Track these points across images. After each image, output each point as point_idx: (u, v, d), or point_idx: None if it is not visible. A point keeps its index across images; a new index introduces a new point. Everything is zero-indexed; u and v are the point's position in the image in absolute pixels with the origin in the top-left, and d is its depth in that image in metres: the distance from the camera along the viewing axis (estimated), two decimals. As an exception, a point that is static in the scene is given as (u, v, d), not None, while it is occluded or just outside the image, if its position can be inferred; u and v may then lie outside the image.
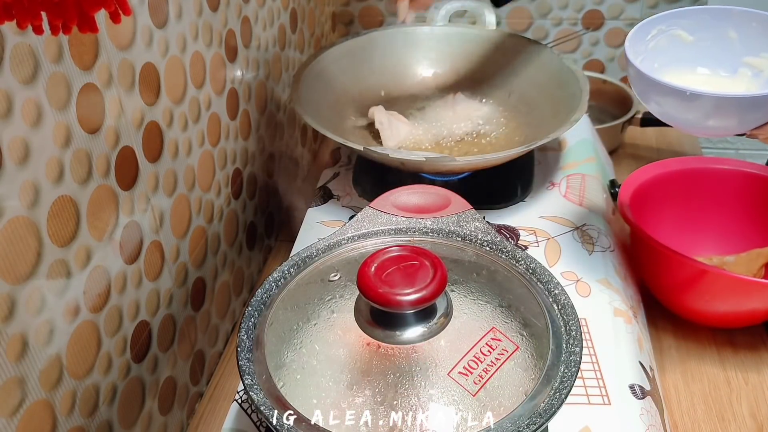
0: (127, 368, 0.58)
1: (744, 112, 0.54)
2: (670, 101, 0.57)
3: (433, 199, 0.58)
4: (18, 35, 0.42)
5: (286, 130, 0.98)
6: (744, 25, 0.62)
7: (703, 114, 0.56)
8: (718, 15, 0.63)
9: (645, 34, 0.64)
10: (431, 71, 0.92)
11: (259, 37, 0.85)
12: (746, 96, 0.54)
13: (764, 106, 0.53)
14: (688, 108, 0.56)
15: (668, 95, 0.56)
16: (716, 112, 0.55)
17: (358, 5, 1.27)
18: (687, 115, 0.57)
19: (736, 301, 0.68)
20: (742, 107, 0.54)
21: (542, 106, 0.83)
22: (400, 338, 0.44)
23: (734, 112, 0.55)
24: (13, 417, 0.44)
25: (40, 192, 0.45)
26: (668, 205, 0.79)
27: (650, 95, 0.58)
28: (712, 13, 0.63)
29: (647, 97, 0.59)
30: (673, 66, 0.64)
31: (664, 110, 0.58)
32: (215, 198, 0.75)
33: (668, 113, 0.58)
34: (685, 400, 0.67)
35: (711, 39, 0.63)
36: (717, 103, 0.54)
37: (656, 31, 0.64)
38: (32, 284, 0.45)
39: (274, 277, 0.52)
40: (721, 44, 0.63)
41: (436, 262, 0.45)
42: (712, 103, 0.54)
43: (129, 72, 0.56)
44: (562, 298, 0.48)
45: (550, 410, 0.40)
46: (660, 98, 0.58)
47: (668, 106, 0.57)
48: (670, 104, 0.57)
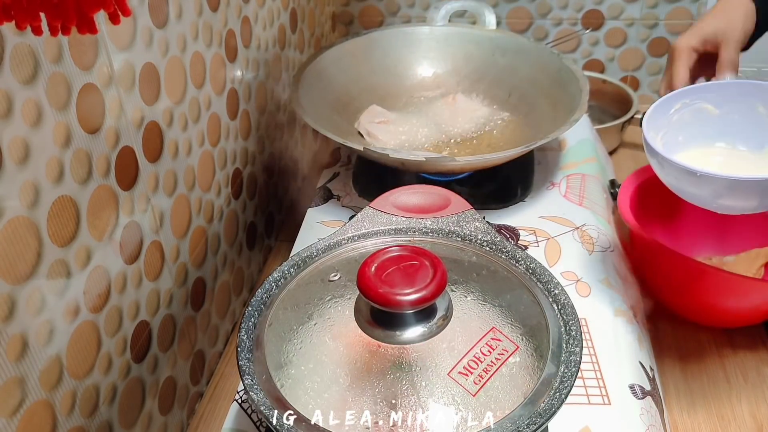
0: (127, 368, 0.58)
1: (761, 194, 0.52)
2: (682, 179, 0.55)
3: (433, 199, 0.58)
4: (18, 35, 0.42)
5: (286, 130, 0.98)
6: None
7: (715, 193, 0.54)
8: (746, 89, 0.61)
9: (668, 108, 0.62)
10: (431, 71, 0.92)
11: (259, 37, 0.85)
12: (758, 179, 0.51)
13: None
14: (700, 187, 0.54)
15: (679, 173, 0.55)
16: (729, 193, 0.53)
17: (358, 5, 1.27)
18: (700, 193, 0.55)
19: (735, 301, 0.68)
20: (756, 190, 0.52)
21: (542, 106, 0.83)
22: (400, 338, 0.44)
23: (750, 193, 0.53)
24: (13, 417, 0.44)
25: (40, 192, 0.45)
26: (668, 205, 0.79)
27: (664, 170, 0.57)
28: (740, 88, 0.61)
29: (661, 171, 0.58)
30: (698, 141, 0.62)
31: (680, 187, 0.57)
32: (215, 198, 0.75)
33: (683, 190, 0.57)
34: (685, 400, 0.67)
35: (739, 113, 0.61)
36: (730, 185, 0.53)
37: (680, 105, 0.62)
38: (32, 284, 0.45)
39: (274, 277, 0.52)
40: (750, 119, 0.61)
41: (436, 262, 0.45)
42: (725, 184, 0.53)
43: (129, 72, 0.56)
44: (562, 298, 0.48)
45: (550, 410, 0.40)
46: (673, 174, 0.56)
47: (682, 184, 0.56)
48: (683, 181, 0.56)
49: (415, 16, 1.26)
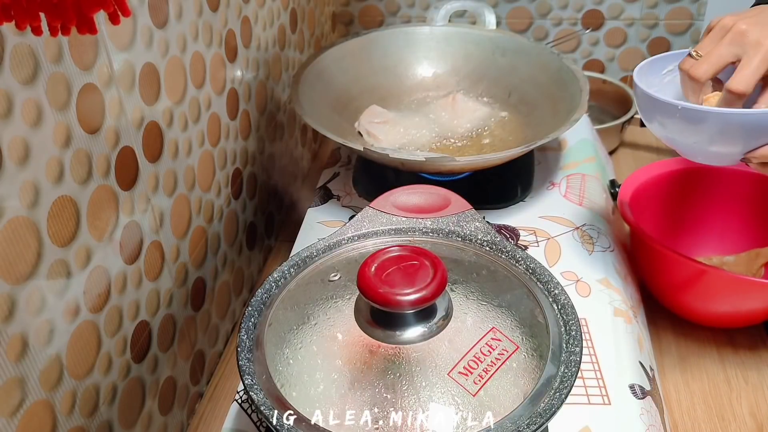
0: (127, 368, 0.58)
1: (749, 135, 0.53)
2: (675, 123, 0.55)
3: (433, 199, 0.58)
4: (18, 35, 0.42)
5: (286, 130, 0.98)
6: None
7: (708, 137, 0.54)
8: None
9: (661, 67, 0.63)
10: (431, 71, 0.92)
11: (259, 37, 0.85)
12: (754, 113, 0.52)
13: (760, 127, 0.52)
14: (693, 131, 0.55)
15: (674, 117, 0.55)
16: (721, 135, 0.54)
17: (358, 5, 1.27)
18: (691, 139, 0.56)
19: (736, 301, 0.68)
20: (747, 128, 0.53)
21: (542, 106, 0.83)
22: (400, 338, 0.44)
23: (740, 133, 0.53)
24: (13, 417, 0.44)
25: (40, 192, 0.45)
26: (668, 205, 0.79)
27: (655, 117, 0.57)
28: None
29: (652, 118, 0.58)
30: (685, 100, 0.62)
31: (668, 134, 0.57)
32: (215, 198, 0.75)
33: (672, 137, 0.57)
34: (685, 400, 0.67)
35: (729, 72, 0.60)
36: (724, 124, 0.53)
37: (673, 67, 0.63)
38: (32, 284, 0.45)
39: (274, 277, 0.52)
40: None
41: (436, 262, 0.45)
42: (719, 123, 0.53)
43: (129, 72, 0.56)
44: (562, 298, 0.48)
45: (550, 410, 0.40)
46: (665, 120, 0.56)
47: (673, 129, 0.56)
48: (674, 127, 0.56)
49: (415, 16, 1.26)
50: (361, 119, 0.84)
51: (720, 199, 0.79)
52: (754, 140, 0.53)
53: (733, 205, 0.79)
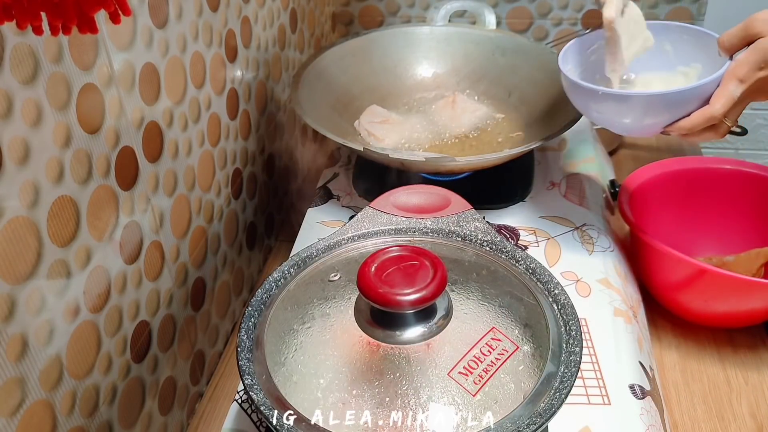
0: (127, 368, 0.58)
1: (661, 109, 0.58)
2: (607, 107, 0.60)
3: (433, 199, 0.58)
4: (18, 35, 0.42)
5: (286, 130, 0.98)
6: (677, 38, 0.66)
7: (628, 113, 0.60)
8: (655, 30, 0.66)
9: (585, 47, 0.67)
10: (431, 71, 0.92)
11: (259, 37, 0.85)
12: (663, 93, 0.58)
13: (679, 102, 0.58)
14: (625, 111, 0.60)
15: (605, 101, 0.60)
16: (636, 110, 0.59)
17: (358, 5, 1.27)
18: (624, 119, 0.61)
19: (736, 301, 0.68)
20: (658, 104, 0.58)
21: (542, 106, 0.83)
22: (400, 338, 0.44)
23: (652, 109, 0.59)
24: (13, 417, 0.44)
25: (40, 192, 0.45)
26: (668, 205, 0.79)
27: (589, 104, 0.62)
28: (650, 28, 0.65)
29: (586, 106, 0.63)
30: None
31: (604, 117, 0.62)
32: (215, 198, 0.75)
33: (608, 119, 0.62)
34: (685, 400, 0.67)
35: (649, 51, 0.66)
36: (635, 102, 0.59)
37: (597, 46, 0.67)
38: (32, 284, 0.45)
39: (274, 277, 0.52)
40: (659, 56, 0.67)
41: (436, 262, 0.45)
42: (630, 102, 0.59)
43: (129, 72, 0.56)
44: (562, 298, 0.48)
45: (550, 410, 0.40)
46: (598, 106, 0.61)
47: (607, 113, 0.61)
48: (608, 110, 0.61)
49: (415, 16, 1.26)
50: (361, 119, 0.84)
51: (720, 199, 0.79)
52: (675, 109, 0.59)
53: (733, 205, 0.79)
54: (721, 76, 0.57)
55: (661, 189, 0.78)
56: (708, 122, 0.57)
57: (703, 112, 0.57)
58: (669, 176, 0.78)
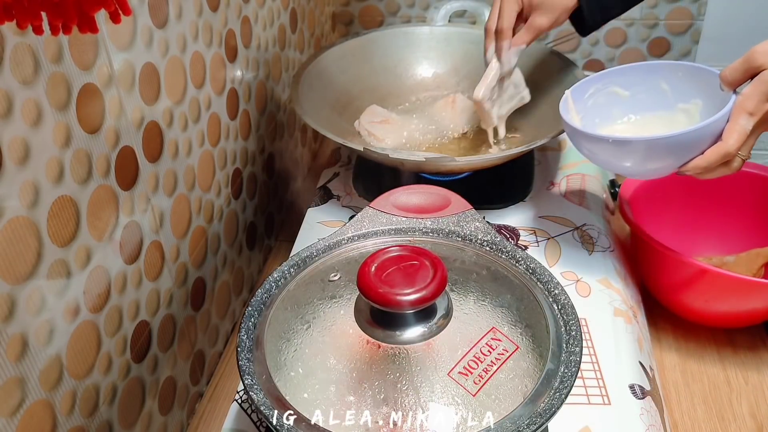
0: (127, 368, 0.58)
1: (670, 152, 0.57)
2: (608, 151, 0.59)
3: (433, 199, 0.58)
4: (18, 35, 0.42)
5: (286, 130, 0.98)
6: (672, 75, 0.65)
7: (641, 158, 0.58)
8: (650, 69, 0.66)
9: (582, 93, 0.67)
10: (431, 71, 0.92)
11: (259, 37, 0.85)
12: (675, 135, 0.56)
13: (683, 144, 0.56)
14: (625, 155, 0.59)
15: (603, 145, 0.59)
16: (649, 154, 0.57)
17: (358, 5, 1.27)
18: (626, 162, 0.59)
19: (736, 301, 0.68)
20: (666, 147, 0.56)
21: (542, 106, 0.83)
22: (400, 338, 0.44)
23: (663, 152, 0.57)
24: (13, 417, 0.44)
25: (40, 192, 0.45)
26: (668, 205, 0.79)
27: (592, 149, 0.61)
28: (644, 68, 0.66)
29: (589, 150, 0.61)
30: (614, 119, 0.67)
31: (608, 161, 0.61)
32: (215, 198, 0.75)
33: (611, 163, 0.61)
34: (685, 400, 0.67)
35: (646, 92, 0.66)
36: (648, 146, 0.57)
37: (593, 90, 0.67)
38: (32, 284, 0.45)
39: (274, 277, 0.52)
40: (656, 96, 0.66)
41: (436, 262, 0.45)
42: (644, 146, 0.57)
43: (129, 72, 0.56)
44: (562, 298, 0.48)
45: (550, 410, 0.40)
46: (598, 150, 0.60)
47: (608, 157, 0.60)
48: (608, 154, 0.59)
49: (415, 16, 1.26)
50: (361, 119, 0.84)
51: (720, 199, 0.79)
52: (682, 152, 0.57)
53: (733, 205, 0.79)
54: (729, 112, 0.55)
55: (661, 189, 0.78)
56: (723, 159, 0.56)
57: (718, 149, 0.56)
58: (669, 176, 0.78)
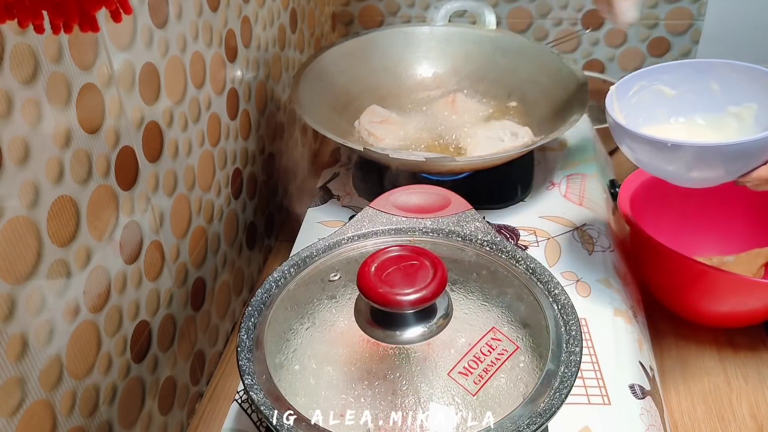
0: (127, 368, 0.58)
1: (727, 161, 0.53)
2: (651, 153, 0.56)
3: (433, 199, 0.58)
4: (18, 35, 0.42)
5: (286, 130, 0.98)
6: (725, 76, 0.61)
7: (685, 165, 0.54)
8: (699, 68, 0.62)
9: (627, 90, 0.64)
10: (431, 71, 0.92)
11: (259, 37, 0.85)
12: (727, 144, 0.52)
13: (747, 153, 0.52)
14: (669, 160, 0.55)
15: (648, 146, 0.55)
16: (698, 162, 0.54)
17: (358, 5, 1.27)
18: (669, 167, 0.56)
19: (736, 301, 0.68)
20: (723, 156, 0.53)
21: (542, 106, 0.83)
22: (400, 338, 0.44)
23: (717, 161, 0.53)
24: (13, 417, 0.44)
25: (40, 192, 0.45)
26: (668, 205, 0.79)
27: (634, 148, 0.57)
28: (694, 67, 0.63)
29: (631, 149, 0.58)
30: (659, 119, 0.64)
31: (650, 162, 0.57)
32: (215, 198, 0.75)
33: (653, 165, 0.57)
34: (685, 400, 0.67)
35: (694, 92, 0.63)
36: (698, 153, 0.53)
37: (638, 87, 0.64)
38: (32, 284, 0.45)
39: (274, 277, 0.52)
40: (705, 96, 0.63)
41: (436, 262, 0.45)
42: (693, 153, 0.53)
43: (129, 72, 0.56)
44: (562, 298, 0.48)
45: (550, 410, 0.40)
46: (642, 150, 0.57)
47: (651, 158, 0.56)
48: (652, 156, 0.56)
49: (415, 16, 1.26)
50: (361, 119, 0.84)
51: (720, 199, 0.79)
52: (734, 163, 0.53)
53: (733, 205, 0.79)
54: None
55: (661, 189, 0.78)
56: None
57: None
58: (669, 176, 0.78)
